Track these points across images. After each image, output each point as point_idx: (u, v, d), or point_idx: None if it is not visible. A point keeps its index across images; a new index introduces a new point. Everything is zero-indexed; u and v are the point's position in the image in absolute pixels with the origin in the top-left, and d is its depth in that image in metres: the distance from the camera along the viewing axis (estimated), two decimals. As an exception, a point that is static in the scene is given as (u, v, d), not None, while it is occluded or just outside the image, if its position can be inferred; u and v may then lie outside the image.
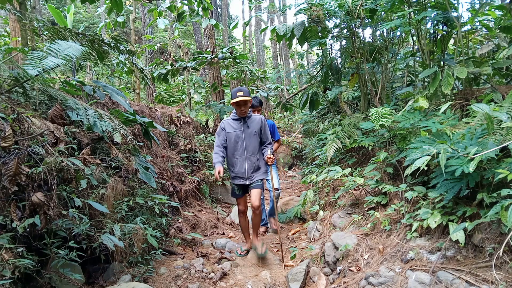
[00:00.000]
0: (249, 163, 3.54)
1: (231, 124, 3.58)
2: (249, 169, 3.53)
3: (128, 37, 12.71)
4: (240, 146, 3.54)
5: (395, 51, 4.82)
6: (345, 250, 2.96)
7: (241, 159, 3.54)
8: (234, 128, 3.56)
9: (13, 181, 2.22)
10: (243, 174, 3.53)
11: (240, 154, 3.54)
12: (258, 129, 3.58)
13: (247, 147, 3.54)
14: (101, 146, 3.38)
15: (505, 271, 2.03)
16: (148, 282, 2.88)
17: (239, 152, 3.54)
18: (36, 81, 2.39)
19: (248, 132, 3.54)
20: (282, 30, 5.26)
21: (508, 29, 3.62)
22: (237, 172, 3.55)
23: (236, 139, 3.53)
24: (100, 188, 2.95)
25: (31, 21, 4.05)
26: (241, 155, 3.54)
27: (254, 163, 3.56)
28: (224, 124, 3.61)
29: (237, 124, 3.58)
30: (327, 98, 5.94)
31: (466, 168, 2.16)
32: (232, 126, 3.57)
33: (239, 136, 3.53)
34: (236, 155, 3.55)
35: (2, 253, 2.01)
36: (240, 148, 3.54)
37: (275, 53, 19.61)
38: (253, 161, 3.55)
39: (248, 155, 3.54)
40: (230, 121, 3.61)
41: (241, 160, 3.54)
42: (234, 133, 3.54)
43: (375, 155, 3.88)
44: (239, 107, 3.48)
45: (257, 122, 3.59)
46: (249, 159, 3.54)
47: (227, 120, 3.63)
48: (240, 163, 3.54)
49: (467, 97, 3.43)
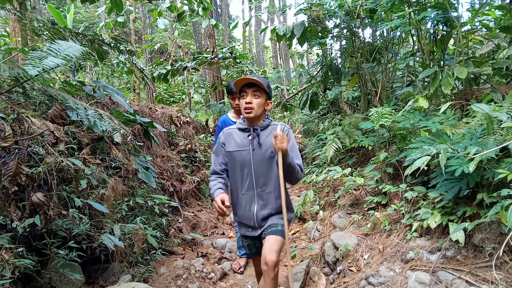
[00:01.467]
0: (261, 204, 2.15)
1: (234, 137, 2.20)
2: (259, 213, 2.15)
3: (128, 37, 12.70)
4: (246, 175, 2.16)
5: (395, 51, 4.82)
6: (345, 250, 2.96)
7: (247, 196, 2.17)
8: (238, 144, 2.17)
9: (13, 181, 2.22)
10: (249, 220, 2.17)
11: (247, 188, 2.16)
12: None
13: (257, 178, 2.14)
14: (101, 146, 3.38)
15: (505, 271, 2.03)
16: (148, 282, 2.88)
17: (245, 185, 2.16)
18: (36, 81, 2.39)
19: (260, 152, 2.12)
20: (282, 30, 5.26)
21: (508, 29, 3.62)
22: (242, 216, 2.22)
23: (241, 163, 2.16)
24: (100, 188, 2.95)
25: (31, 21, 4.05)
26: (248, 191, 2.16)
27: (268, 204, 2.15)
28: (224, 135, 2.24)
29: (243, 137, 2.17)
30: (327, 98, 5.94)
31: (466, 168, 2.16)
32: (236, 140, 2.19)
33: (245, 160, 2.14)
34: (240, 190, 2.19)
35: (2, 253, 2.01)
36: (246, 179, 2.16)
37: (275, 53, 19.61)
38: (267, 200, 2.15)
39: (259, 190, 2.15)
40: (234, 132, 2.23)
41: (247, 198, 2.17)
42: (238, 153, 2.16)
43: (375, 155, 3.87)
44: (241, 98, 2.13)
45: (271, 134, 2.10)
46: (260, 198, 2.15)
47: (230, 130, 2.25)
48: (246, 202, 2.18)
49: (467, 97, 3.43)
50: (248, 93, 2.10)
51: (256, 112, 2.11)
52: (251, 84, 2.10)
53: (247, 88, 2.10)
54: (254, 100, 2.10)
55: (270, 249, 2.04)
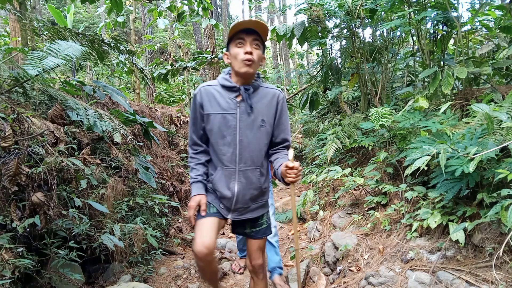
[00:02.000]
0: (243, 183, 1.78)
1: (217, 98, 1.76)
2: (240, 194, 1.78)
3: (128, 37, 12.70)
4: (229, 145, 1.76)
5: (395, 51, 4.82)
6: (345, 250, 2.96)
7: (226, 172, 1.78)
8: (223, 106, 1.75)
9: (13, 181, 2.22)
10: (227, 201, 1.81)
11: (227, 162, 1.77)
12: (270, 115, 1.81)
13: (242, 150, 1.76)
14: (101, 146, 3.38)
15: (505, 271, 2.03)
16: (148, 282, 2.88)
17: (225, 158, 1.77)
18: (36, 81, 2.39)
19: (249, 119, 1.75)
20: (282, 30, 5.26)
21: (508, 29, 3.62)
22: (218, 192, 1.82)
23: (222, 130, 1.75)
24: (100, 188, 2.95)
25: (31, 21, 4.05)
26: (230, 164, 1.77)
27: (252, 185, 1.81)
28: (203, 94, 1.78)
29: (230, 98, 1.76)
30: (327, 98, 5.94)
31: (466, 168, 2.16)
32: (219, 101, 1.76)
33: (230, 125, 1.74)
34: (218, 162, 1.81)
35: (2, 253, 2.01)
36: (228, 150, 1.76)
37: (275, 53, 19.61)
38: (252, 179, 1.80)
39: (242, 165, 1.77)
40: (216, 90, 1.78)
41: (227, 174, 1.78)
42: (221, 117, 1.74)
43: (375, 155, 3.87)
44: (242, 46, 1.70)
45: (269, 101, 1.81)
46: (243, 175, 1.78)
47: (211, 87, 1.80)
48: (226, 178, 1.78)
49: (467, 97, 3.43)
50: (246, 41, 1.69)
51: (256, 66, 1.73)
52: (250, 30, 1.68)
53: (246, 35, 1.69)
54: (255, 51, 1.70)
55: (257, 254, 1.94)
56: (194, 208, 1.78)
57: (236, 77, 1.77)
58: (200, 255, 1.68)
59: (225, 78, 1.80)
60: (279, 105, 1.85)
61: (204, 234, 1.73)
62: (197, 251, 1.68)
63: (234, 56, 1.73)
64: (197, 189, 1.82)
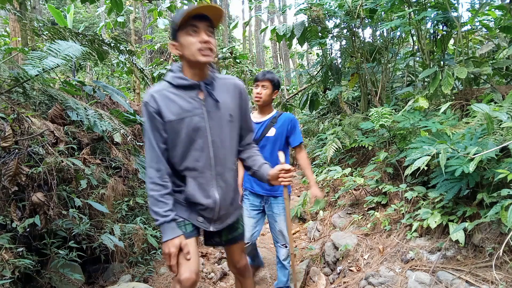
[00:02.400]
0: (223, 188, 1.61)
1: (176, 101, 1.52)
2: (222, 200, 1.61)
3: (128, 37, 12.69)
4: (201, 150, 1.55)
5: (395, 51, 4.82)
6: (345, 250, 2.96)
7: (203, 179, 1.57)
8: (186, 108, 1.53)
9: (13, 181, 2.22)
10: (209, 212, 1.60)
11: (202, 168, 1.56)
12: (236, 109, 1.64)
13: (217, 152, 1.58)
14: (101, 146, 3.38)
15: (505, 271, 2.03)
16: (148, 282, 2.88)
17: (199, 165, 1.56)
18: (36, 81, 2.39)
19: (217, 116, 1.57)
20: (282, 30, 5.26)
21: (508, 29, 3.62)
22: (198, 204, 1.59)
23: (191, 134, 1.53)
24: (100, 188, 2.95)
25: (31, 21, 4.05)
26: (205, 170, 1.57)
27: (231, 187, 1.66)
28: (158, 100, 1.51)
29: (191, 97, 1.54)
30: (327, 98, 5.94)
31: (466, 168, 2.16)
32: (179, 103, 1.52)
33: (199, 127, 1.53)
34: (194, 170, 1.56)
35: (2, 253, 2.01)
36: (201, 155, 1.55)
37: (275, 53, 19.61)
38: (230, 182, 1.65)
39: (219, 169, 1.59)
40: (171, 93, 1.54)
41: (204, 182, 1.57)
42: (187, 120, 1.52)
43: (375, 155, 3.87)
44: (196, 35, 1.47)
45: (232, 93, 1.63)
46: (221, 179, 1.61)
47: (163, 91, 1.53)
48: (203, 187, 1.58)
49: (467, 97, 3.43)
50: (200, 28, 1.47)
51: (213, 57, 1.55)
52: (203, 16, 1.48)
53: (199, 22, 1.47)
54: (210, 39, 1.50)
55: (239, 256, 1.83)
56: (175, 255, 1.49)
57: (192, 70, 1.54)
58: (189, 283, 1.51)
59: (179, 77, 1.55)
60: (243, 95, 1.67)
61: (191, 260, 1.53)
62: (185, 279, 1.50)
63: (187, 46, 1.48)
64: (172, 231, 1.50)
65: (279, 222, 2.51)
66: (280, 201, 2.50)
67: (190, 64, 1.54)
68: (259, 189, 2.53)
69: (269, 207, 2.54)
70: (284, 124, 2.52)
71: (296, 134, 2.56)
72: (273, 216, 2.53)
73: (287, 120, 2.54)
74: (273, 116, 2.56)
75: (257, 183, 2.54)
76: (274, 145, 2.50)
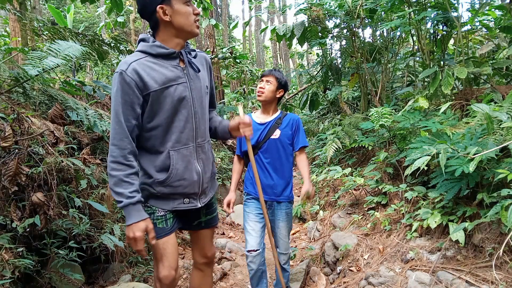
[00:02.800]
0: (203, 159, 1.61)
1: (158, 69, 1.46)
2: (203, 172, 1.60)
3: (128, 37, 12.69)
4: (186, 120, 1.52)
5: (395, 51, 4.82)
6: (345, 250, 2.96)
7: (185, 151, 1.53)
8: (169, 76, 1.47)
9: (13, 181, 2.22)
10: (193, 186, 1.56)
11: (185, 140, 1.53)
12: (208, 80, 1.66)
13: (198, 123, 1.57)
14: (101, 146, 3.38)
15: (505, 271, 2.03)
16: (148, 282, 2.88)
17: (183, 136, 1.52)
18: (36, 81, 2.39)
19: (197, 86, 1.56)
20: (282, 30, 5.27)
21: (508, 29, 3.62)
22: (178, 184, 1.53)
23: (176, 104, 1.48)
24: (100, 188, 2.95)
25: (31, 21, 4.05)
26: (187, 143, 1.53)
27: (209, 160, 1.66)
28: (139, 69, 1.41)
29: (173, 65, 1.50)
30: (327, 98, 5.94)
31: (466, 168, 2.16)
32: (163, 72, 1.46)
33: (183, 96, 1.49)
34: (172, 144, 1.51)
35: (2, 253, 2.01)
36: (185, 126, 1.52)
37: (275, 53, 19.62)
38: (208, 154, 1.65)
39: (200, 140, 1.58)
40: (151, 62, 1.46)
41: (184, 155, 1.53)
42: (172, 89, 1.47)
43: (375, 155, 3.88)
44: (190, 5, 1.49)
45: (204, 65, 1.65)
46: (201, 150, 1.60)
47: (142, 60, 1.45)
48: (184, 160, 1.53)
49: (467, 97, 3.43)
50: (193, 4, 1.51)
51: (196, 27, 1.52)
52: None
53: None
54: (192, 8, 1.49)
55: (210, 243, 1.78)
56: (143, 240, 1.41)
57: (177, 40, 1.49)
58: (169, 280, 1.50)
59: (157, 45, 1.46)
60: (211, 70, 1.70)
61: (169, 257, 1.51)
62: (165, 276, 1.49)
63: (184, 14, 1.45)
64: (138, 213, 1.40)
65: (281, 228, 2.41)
66: (284, 206, 2.40)
67: (178, 33, 1.49)
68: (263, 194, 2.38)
69: (272, 213, 2.41)
70: (289, 125, 2.42)
71: (299, 136, 2.45)
72: (275, 221, 2.41)
73: (292, 120, 2.44)
74: (277, 117, 2.44)
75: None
76: (279, 148, 2.37)
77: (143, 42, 1.49)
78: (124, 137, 1.43)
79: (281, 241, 2.43)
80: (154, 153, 1.51)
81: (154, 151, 1.51)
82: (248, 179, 2.46)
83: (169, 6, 1.43)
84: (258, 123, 2.41)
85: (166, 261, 1.50)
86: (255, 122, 2.41)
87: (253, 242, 2.30)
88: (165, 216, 1.55)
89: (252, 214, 2.38)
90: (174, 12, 1.44)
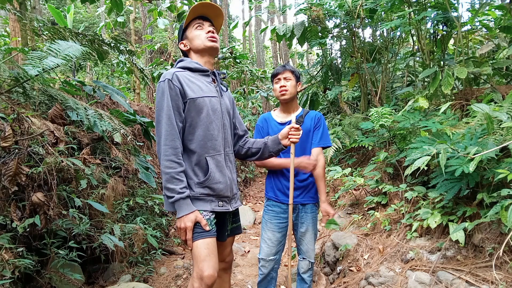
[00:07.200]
0: (230, 168, 1.76)
1: (195, 82, 1.67)
2: (232, 178, 1.76)
3: (128, 37, 12.69)
4: (218, 130, 1.69)
5: (395, 51, 4.82)
6: (345, 250, 2.96)
7: (219, 157, 1.68)
8: (204, 90, 1.67)
9: (13, 181, 2.21)
10: (227, 189, 1.69)
11: (218, 147, 1.68)
12: (231, 103, 1.87)
13: (226, 134, 1.74)
14: (101, 146, 3.38)
15: (505, 271, 2.03)
16: (148, 282, 2.88)
17: (217, 143, 1.67)
18: (36, 81, 2.39)
19: (225, 103, 1.77)
20: (282, 30, 5.26)
21: (508, 29, 3.62)
22: (216, 185, 1.64)
23: (210, 114, 1.66)
24: (100, 188, 2.95)
25: (31, 21, 4.04)
26: (220, 149, 1.69)
27: (235, 168, 1.83)
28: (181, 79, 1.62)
29: (207, 81, 1.72)
30: (327, 98, 5.94)
31: (466, 168, 2.16)
32: (199, 85, 1.67)
33: (216, 109, 1.68)
34: (208, 150, 1.64)
35: (2, 253, 2.01)
36: (218, 135, 1.68)
37: (275, 53, 19.62)
38: (233, 163, 1.82)
39: (228, 150, 1.75)
40: (189, 75, 1.67)
41: (220, 160, 1.68)
42: (207, 100, 1.66)
43: (375, 155, 3.87)
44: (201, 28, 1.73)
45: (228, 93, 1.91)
46: (229, 159, 1.75)
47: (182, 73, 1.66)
48: (218, 166, 1.67)
49: (467, 97, 3.43)
50: (205, 24, 1.74)
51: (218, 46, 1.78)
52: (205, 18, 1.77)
53: (203, 21, 1.76)
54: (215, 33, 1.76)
55: (230, 249, 1.90)
56: (191, 229, 1.53)
57: (202, 59, 1.76)
58: (212, 280, 1.52)
59: (195, 62, 1.73)
60: (233, 100, 1.93)
61: (214, 258, 1.56)
62: (210, 275, 1.51)
63: (195, 37, 1.73)
64: (188, 206, 1.54)
65: (305, 233, 2.24)
66: (309, 209, 2.26)
67: (200, 53, 1.75)
68: (284, 198, 2.21)
69: (295, 217, 2.25)
70: (309, 122, 2.25)
71: (318, 134, 2.25)
72: (298, 225, 2.25)
73: (313, 117, 2.28)
74: (299, 114, 2.28)
75: (281, 192, 2.24)
76: (301, 147, 2.20)
77: (181, 62, 1.76)
78: (176, 138, 1.57)
79: (305, 247, 2.27)
80: (193, 156, 1.65)
81: (192, 154, 1.65)
82: (269, 183, 2.33)
83: (186, 39, 1.78)
84: (278, 123, 2.29)
85: (211, 260, 1.55)
86: (276, 122, 2.30)
87: (267, 251, 2.25)
88: (210, 219, 1.63)
89: (270, 223, 2.26)
90: (189, 40, 1.76)
